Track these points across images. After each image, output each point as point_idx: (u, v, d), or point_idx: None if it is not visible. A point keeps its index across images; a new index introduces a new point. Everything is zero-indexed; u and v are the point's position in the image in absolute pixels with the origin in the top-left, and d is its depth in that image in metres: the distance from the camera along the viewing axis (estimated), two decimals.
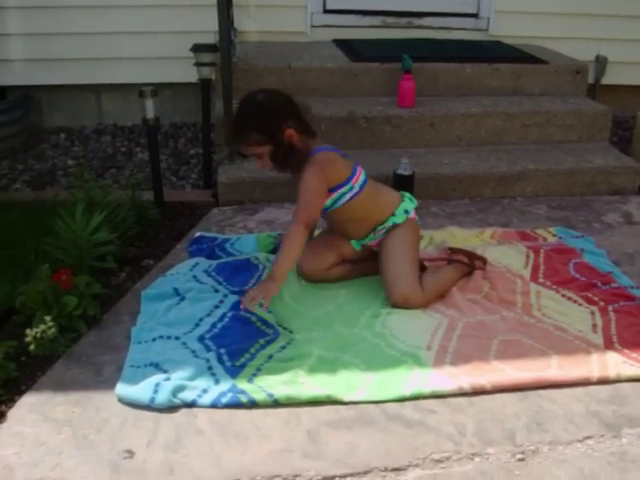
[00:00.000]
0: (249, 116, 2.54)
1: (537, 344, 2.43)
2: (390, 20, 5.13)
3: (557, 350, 2.39)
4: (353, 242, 2.81)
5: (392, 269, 2.66)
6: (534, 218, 3.56)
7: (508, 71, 4.48)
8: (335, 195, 2.62)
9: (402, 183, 3.47)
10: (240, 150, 2.65)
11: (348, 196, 2.63)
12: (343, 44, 4.86)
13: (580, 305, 2.69)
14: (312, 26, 5.05)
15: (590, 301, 2.71)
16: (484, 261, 2.91)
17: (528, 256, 3.04)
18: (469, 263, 2.87)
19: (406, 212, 2.74)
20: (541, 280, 2.87)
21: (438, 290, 2.73)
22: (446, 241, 3.08)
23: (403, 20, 5.15)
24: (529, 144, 4.20)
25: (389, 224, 2.72)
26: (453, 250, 2.94)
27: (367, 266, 2.84)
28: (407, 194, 2.84)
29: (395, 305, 2.62)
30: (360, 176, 2.66)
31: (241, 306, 2.47)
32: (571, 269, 2.95)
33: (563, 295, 2.76)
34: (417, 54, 4.35)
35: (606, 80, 5.22)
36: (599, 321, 2.58)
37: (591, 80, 4.96)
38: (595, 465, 1.92)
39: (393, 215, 2.72)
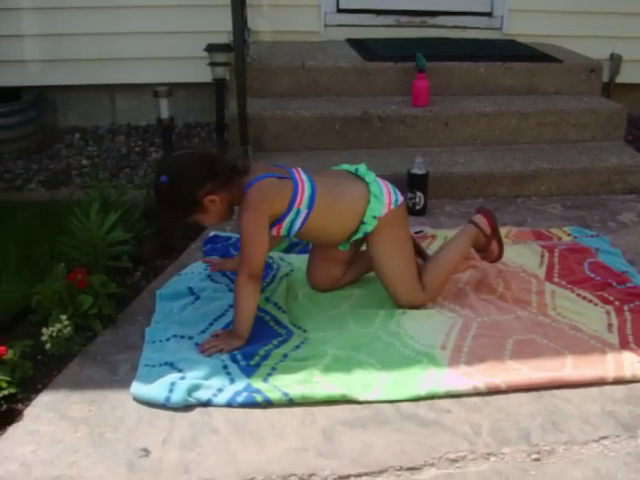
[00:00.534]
0: (162, 203, 2.38)
1: (552, 344, 2.42)
2: (404, 19, 5.12)
3: (572, 350, 2.38)
4: (339, 247, 2.66)
5: (387, 281, 2.60)
6: (549, 217, 3.55)
7: (522, 70, 4.46)
8: (284, 225, 2.46)
9: (416, 182, 3.47)
10: None
11: (298, 223, 2.46)
12: (357, 43, 4.86)
13: (595, 305, 2.68)
14: (325, 25, 5.05)
15: (605, 301, 2.70)
16: (501, 249, 2.80)
17: (543, 255, 3.03)
18: (487, 235, 2.76)
19: (374, 217, 2.50)
20: (556, 280, 2.86)
21: (442, 277, 2.69)
22: None
23: (417, 19, 5.13)
24: (543, 143, 4.19)
25: (360, 235, 2.55)
26: (480, 209, 2.84)
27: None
28: (372, 188, 2.53)
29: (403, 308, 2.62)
30: (304, 195, 2.43)
31: (200, 349, 2.37)
32: (586, 268, 2.94)
33: (578, 295, 2.75)
34: (431, 53, 4.35)
35: (621, 79, 5.19)
36: (615, 321, 2.57)
37: (606, 79, 4.93)
38: (611, 465, 1.92)
39: (363, 223, 2.51)
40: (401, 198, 2.59)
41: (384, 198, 2.52)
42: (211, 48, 3.99)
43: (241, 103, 3.65)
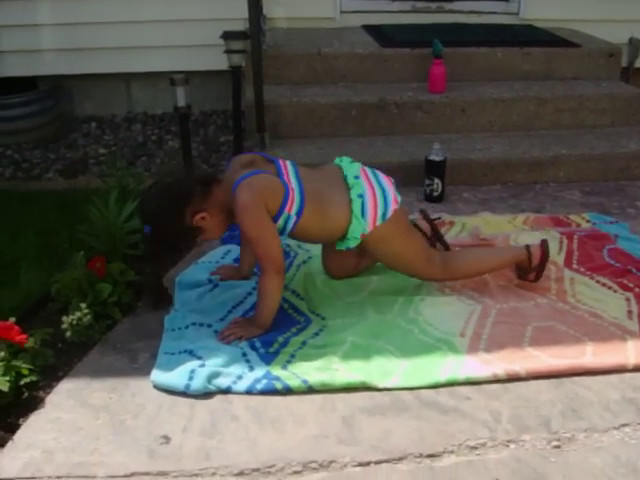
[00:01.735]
0: (161, 246, 2.42)
1: (571, 331, 2.41)
2: (420, 5, 5.10)
3: (592, 337, 2.37)
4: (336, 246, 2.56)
5: (398, 270, 2.63)
6: (567, 204, 3.53)
7: (540, 55, 4.43)
8: (277, 226, 2.38)
9: (434, 169, 3.46)
10: None
11: (289, 227, 2.38)
12: (373, 30, 4.84)
13: (615, 291, 2.67)
14: (341, 12, 5.03)
15: (625, 287, 2.68)
16: (537, 279, 2.70)
17: (562, 242, 3.01)
18: (530, 265, 2.66)
19: (355, 238, 2.43)
20: (575, 266, 2.84)
21: (467, 271, 2.68)
22: (479, 227, 3.05)
23: (433, 5, 5.11)
24: (562, 129, 4.16)
25: (343, 248, 2.49)
26: (543, 241, 2.69)
27: None
28: (354, 207, 2.39)
29: None
30: (294, 201, 2.33)
31: (219, 336, 2.38)
32: (605, 255, 2.92)
33: (597, 281, 2.73)
34: (447, 39, 4.32)
35: None
36: (635, 307, 2.55)
37: (624, 63, 4.87)
38: (632, 453, 1.91)
39: (346, 239, 2.44)
40: (392, 208, 2.43)
41: (367, 217, 2.40)
42: (227, 35, 3.98)
43: (257, 90, 3.64)
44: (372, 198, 2.42)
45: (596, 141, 3.98)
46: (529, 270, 2.69)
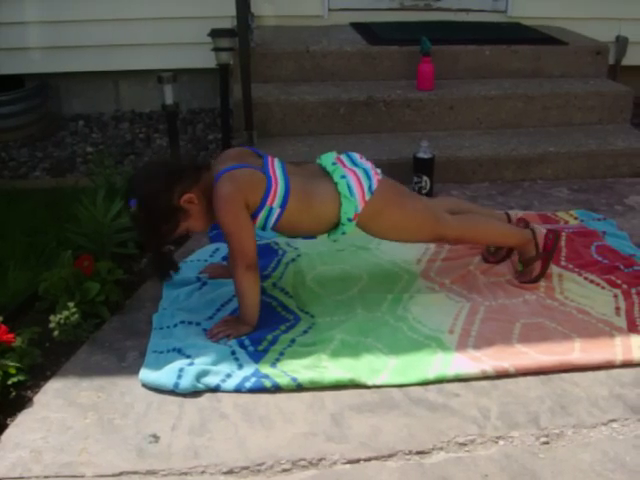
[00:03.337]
0: (144, 227, 2.33)
1: (560, 327, 2.42)
2: (408, 3, 5.10)
3: (580, 333, 2.38)
4: (328, 237, 2.59)
5: (411, 238, 2.65)
6: (555, 201, 3.54)
7: (528, 53, 4.44)
8: (258, 222, 2.38)
9: (422, 166, 3.46)
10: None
11: (272, 220, 2.39)
12: (361, 27, 4.83)
13: (603, 288, 2.67)
14: (329, 10, 5.02)
15: (613, 284, 2.69)
16: (541, 275, 2.69)
17: None
18: (538, 252, 2.68)
19: (349, 220, 2.43)
20: (563, 263, 2.85)
21: (468, 237, 2.69)
22: None
23: (421, 2, 5.11)
24: (549, 126, 4.17)
25: (339, 234, 2.50)
26: (552, 229, 2.74)
27: None
28: (341, 188, 2.41)
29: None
30: (277, 192, 2.34)
31: (208, 334, 2.38)
32: (593, 252, 2.93)
33: (585, 278, 2.74)
34: (436, 37, 4.32)
35: (627, 61, 5.14)
36: (622, 304, 2.56)
37: (612, 61, 4.91)
38: (620, 448, 1.91)
39: (342, 224, 2.45)
40: (375, 179, 2.46)
41: (356, 195, 2.42)
42: (215, 33, 3.97)
43: (245, 88, 3.63)
44: (354, 177, 2.45)
45: (584, 138, 3.99)
46: (534, 259, 2.69)
